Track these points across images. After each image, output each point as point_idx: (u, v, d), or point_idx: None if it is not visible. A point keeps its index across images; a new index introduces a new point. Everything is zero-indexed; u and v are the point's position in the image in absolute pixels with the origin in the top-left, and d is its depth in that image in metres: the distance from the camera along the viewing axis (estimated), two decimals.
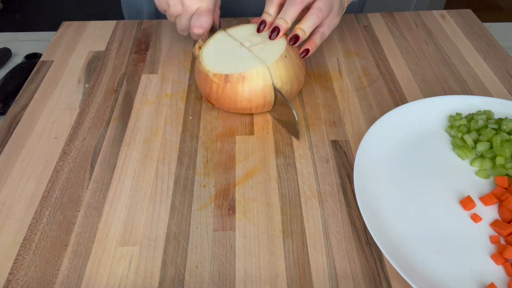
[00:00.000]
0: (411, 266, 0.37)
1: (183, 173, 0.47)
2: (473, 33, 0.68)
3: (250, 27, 0.54)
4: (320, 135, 0.51)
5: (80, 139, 0.51)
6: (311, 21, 0.50)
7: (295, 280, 0.37)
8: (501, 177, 0.44)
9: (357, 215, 0.42)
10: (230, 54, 0.50)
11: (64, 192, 0.45)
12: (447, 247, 0.39)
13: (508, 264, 0.37)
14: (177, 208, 0.43)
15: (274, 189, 0.45)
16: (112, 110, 0.55)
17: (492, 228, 0.40)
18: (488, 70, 0.60)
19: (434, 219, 0.41)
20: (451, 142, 0.48)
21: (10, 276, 0.38)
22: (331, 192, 0.44)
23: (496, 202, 0.42)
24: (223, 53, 0.51)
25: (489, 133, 0.46)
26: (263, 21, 0.51)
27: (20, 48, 0.71)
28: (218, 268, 0.38)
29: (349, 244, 0.40)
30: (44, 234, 0.41)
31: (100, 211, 0.43)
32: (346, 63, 0.62)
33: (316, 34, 0.52)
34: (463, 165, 0.46)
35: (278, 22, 0.50)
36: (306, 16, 0.50)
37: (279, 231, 0.41)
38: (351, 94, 0.57)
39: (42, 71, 0.61)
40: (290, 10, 0.49)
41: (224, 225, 0.42)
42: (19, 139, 0.51)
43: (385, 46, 0.66)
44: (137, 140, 0.50)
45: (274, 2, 0.51)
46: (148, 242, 0.40)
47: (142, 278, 0.38)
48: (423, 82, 0.59)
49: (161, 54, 0.64)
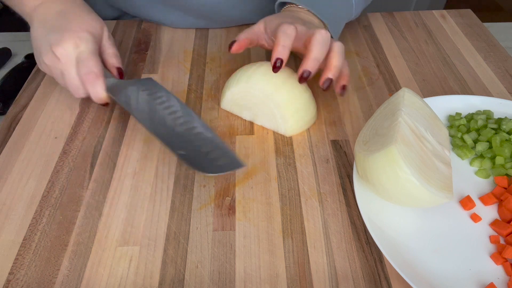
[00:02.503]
0: (410, 266, 0.37)
1: (183, 173, 0.47)
2: (473, 33, 0.68)
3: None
4: (320, 135, 0.51)
5: (80, 139, 0.51)
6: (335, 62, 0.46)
7: (295, 280, 0.37)
8: (501, 177, 0.44)
9: (357, 215, 0.42)
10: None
11: (64, 192, 0.45)
12: (446, 247, 0.39)
13: (508, 264, 0.37)
14: (177, 208, 0.43)
15: (274, 189, 0.45)
16: (112, 110, 0.55)
17: (492, 228, 0.40)
18: (488, 70, 0.60)
19: (434, 219, 0.41)
20: (451, 142, 0.48)
21: (10, 276, 0.38)
22: (331, 192, 0.45)
23: (496, 202, 0.42)
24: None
25: (488, 133, 0.46)
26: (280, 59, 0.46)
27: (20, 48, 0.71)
28: (218, 268, 0.38)
29: (349, 244, 0.40)
30: (44, 234, 0.41)
31: (100, 211, 0.43)
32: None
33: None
34: (463, 165, 0.46)
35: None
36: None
37: (279, 231, 0.41)
38: (351, 94, 0.57)
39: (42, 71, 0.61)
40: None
41: (224, 225, 0.42)
42: (19, 139, 0.51)
43: (385, 46, 0.66)
44: (137, 140, 0.50)
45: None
46: (148, 242, 0.40)
47: (142, 278, 0.38)
48: (423, 82, 0.59)
49: (161, 54, 0.64)
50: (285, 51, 0.45)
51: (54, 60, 0.47)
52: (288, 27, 0.46)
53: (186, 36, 0.68)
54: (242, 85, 0.50)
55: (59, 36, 0.47)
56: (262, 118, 0.51)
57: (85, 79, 0.47)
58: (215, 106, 0.55)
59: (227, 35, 0.68)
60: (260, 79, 0.49)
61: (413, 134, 0.38)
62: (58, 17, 0.50)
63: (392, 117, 0.39)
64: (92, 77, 0.47)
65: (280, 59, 0.45)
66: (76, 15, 0.50)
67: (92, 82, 0.47)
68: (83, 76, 0.47)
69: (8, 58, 0.69)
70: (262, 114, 0.51)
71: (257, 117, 0.52)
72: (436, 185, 0.36)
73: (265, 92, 0.48)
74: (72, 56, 0.47)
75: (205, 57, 0.64)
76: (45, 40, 0.48)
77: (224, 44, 0.66)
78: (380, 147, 0.36)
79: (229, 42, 0.66)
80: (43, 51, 0.48)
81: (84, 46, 0.47)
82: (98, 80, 0.47)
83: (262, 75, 0.49)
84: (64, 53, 0.47)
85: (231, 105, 0.53)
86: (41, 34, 0.49)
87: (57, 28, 0.48)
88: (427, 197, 0.36)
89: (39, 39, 0.49)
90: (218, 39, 0.67)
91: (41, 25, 0.50)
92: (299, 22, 0.49)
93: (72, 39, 0.47)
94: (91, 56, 0.47)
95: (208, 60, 0.63)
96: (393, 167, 0.35)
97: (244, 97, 0.51)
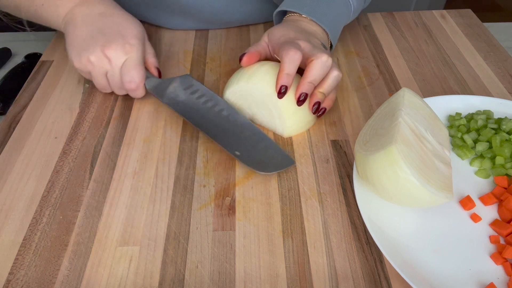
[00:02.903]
0: (410, 266, 0.37)
1: (183, 173, 0.47)
2: (473, 33, 0.68)
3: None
4: (320, 135, 0.51)
5: (80, 139, 0.51)
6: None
7: (295, 280, 0.37)
8: (501, 177, 0.44)
9: (357, 215, 0.42)
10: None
11: (64, 192, 0.45)
12: (446, 247, 0.39)
13: (508, 264, 0.37)
14: (177, 208, 0.43)
15: (274, 189, 0.45)
16: (112, 110, 0.55)
17: (492, 228, 0.40)
18: (488, 70, 0.60)
19: (434, 219, 0.41)
20: (451, 142, 0.48)
21: (10, 276, 0.38)
22: (331, 192, 0.44)
23: (496, 202, 0.42)
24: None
25: (488, 133, 0.46)
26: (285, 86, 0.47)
27: (20, 48, 0.71)
28: (218, 268, 0.38)
29: (349, 244, 0.40)
30: (44, 234, 0.41)
31: (100, 211, 0.43)
32: (346, 63, 0.62)
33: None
34: (463, 165, 0.46)
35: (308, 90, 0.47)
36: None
37: (279, 231, 0.41)
38: (351, 94, 0.57)
39: (42, 71, 0.61)
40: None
41: (224, 225, 0.42)
42: (19, 139, 0.51)
43: (385, 46, 0.66)
44: (137, 140, 0.50)
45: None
46: (148, 242, 0.40)
47: (142, 278, 0.38)
48: (423, 82, 0.59)
49: (161, 54, 0.64)
50: (289, 79, 0.46)
51: (103, 60, 0.50)
52: (295, 53, 0.46)
53: (186, 37, 0.68)
54: (242, 84, 0.50)
55: (110, 39, 0.50)
56: (261, 119, 0.51)
57: (127, 87, 0.51)
58: None
59: (227, 35, 0.68)
60: (260, 79, 0.49)
61: (413, 134, 0.38)
62: (103, 19, 0.52)
63: (392, 117, 0.39)
64: (133, 86, 0.51)
65: (285, 86, 0.46)
66: (122, 19, 0.53)
67: (133, 90, 0.52)
68: (126, 83, 0.51)
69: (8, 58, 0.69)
70: (261, 114, 0.51)
71: (256, 117, 0.52)
72: (436, 185, 0.36)
73: (265, 92, 0.48)
74: (122, 60, 0.50)
75: (205, 57, 0.64)
76: (93, 40, 0.50)
77: (224, 44, 0.66)
78: (380, 147, 0.36)
79: (229, 42, 0.66)
80: (91, 49, 0.50)
81: (134, 54, 0.51)
82: (138, 90, 0.52)
83: (263, 75, 0.49)
84: (115, 56, 0.50)
85: (230, 104, 0.53)
86: (88, 32, 0.51)
87: (107, 29, 0.51)
88: (427, 197, 0.36)
89: (85, 37, 0.50)
90: (218, 39, 0.67)
91: (87, 25, 0.51)
92: (303, 37, 0.50)
93: (123, 44, 0.50)
94: (137, 65, 0.51)
95: (208, 60, 0.63)
96: (393, 167, 0.35)
97: (244, 96, 0.51)
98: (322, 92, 0.48)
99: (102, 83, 0.52)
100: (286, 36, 0.50)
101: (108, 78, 0.52)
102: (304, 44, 0.48)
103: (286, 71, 0.46)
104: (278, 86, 0.46)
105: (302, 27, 0.53)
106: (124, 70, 0.51)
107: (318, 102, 0.48)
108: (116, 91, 0.54)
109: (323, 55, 0.46)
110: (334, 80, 0.48)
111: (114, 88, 0.53)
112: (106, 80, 0.52)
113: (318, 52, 0.47)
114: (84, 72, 0.52)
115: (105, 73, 0.51)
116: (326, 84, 0.48)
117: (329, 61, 0.47)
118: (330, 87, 0.48)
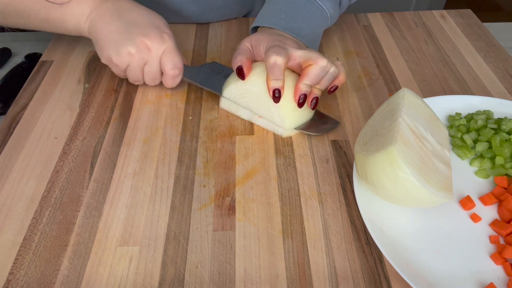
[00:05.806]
0: (410, 266, 0.37)
1: (183, 173, 0.47)
2: (473, 33, 0.68)
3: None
4: (320, 135, 0.51)
5: (80, 139, 0.51)
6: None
7: (295, 280, 0.37)
8: (501, 177, 0.44)
9: (357, 215, 0.42)
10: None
11: (64, 192, 0.45)
12: (446, 247, 0.39)
13: (508, 264, 0.37)
14: (177, 208, 0.43)
15: (274, 189, 0.45)
16: (112, 110, 0.55)
17: (492, 228, 0.40)
18: (488, 70, 0.60)
19: (434, 219, 0.41)
20: (451, 142, 0.48)
21: (10, 276, 0.38)
22: (331, 192, 0.45)
23: (496, 202, 0.42)
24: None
25: (488, 133, 0.46)
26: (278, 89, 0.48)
27: (20, 48, 0.71)
28: (218, 268, 0.38)
29: (349, 244, 0.40)
30: (44, 234, 0.41)
31: (100, 211, 0.43)
32: (346, 63, 0.62)
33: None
34: (463, 165, 0.46)
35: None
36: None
37: (279, 231, 0.41)
38: (351, 94, 0.57)
39: (42, 71, 0.61)
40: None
41: (224, 225, 0.42)
42: (19, 139, 0.51)
43: (385, 46, 0.66)
44: (137, 140, 0.50)
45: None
46: (148, 242, 0.40)
47: (142, 278, 0.38)
48: (423, 82, 0.59)
49: None
50: (278, 84, 0.47)
51: (143, 50, 0.50)
52: (276, 58, 0.46)
53: (186, 36, 0.68)
54: (240, 82, 0.50)
55: (147, 30, 0.51)
56: (260, 116, 0.51)
57: (172, 73, 0.52)
58: (215, 106, 0.55)
59: (227, 35, 0.68)
60: (259, 77, 0.49)
61: (413, 134, 0.38)
62: (130, 12, 0.52)
63: (392, 117, 0.39)
64: (177, 72, 0.52)
65: (278, 90, 0.47)
66: (146, 11, 0.53)
67: (176, 76, 0.53)
68: (170, 70, 0.52)
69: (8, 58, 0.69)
70: (260, 112, 0.51)
71: (255, 116, 0.52)
72: (436, 185, 0.36)
73: (263, 89, 0.48)
74: (162, 49, 0.51)
75: (205, 57, 0.64)
76: (129, 33, 0.50)
77: (224, 44, 0.66)
78: (380, 147, 0.36)
79: (228, 43, 0.66)
80: (127, 41, 0.50)
81: (171, 42, 0.52)
82: (180, 76, 0.53)
83: (261, 73, 0.49)
84: (155, 46, 0.51)
85: (229, 103, 0.53)
86: (121, 27, 0.50)
87: (139, 22, 0.51)
88: (427, 197, 0.36)
89: (120, 31, 0.50)
90: (218, 39, 0.67)
91: (119, 18, 0.51)
92: (291, 43, 0.49)
93: (161, 33, 0.51)
94: (177, 51, 0.52)
95: (208, 60, 0.63)
96: (393, 167, 0.35)
97: (243, 94, 0.51)
98: (319, 88, 0.49)
99: (137, 75, 0.53)
100: (272, 43, 0.49)
101: (144, 69, 0.52)
102: (296, 52, 0.48)
103: (273, 77, 0.47)
104: (271, 92, 0.47)
105: (285, 35, 0.53)
106: (165, 58, 0.51)
107: (316, 97, 0.48)
108: (150, 82, 0.54)
109: (322, 61, 0.47)
110: (330, 76, 0.48)
111: (148, 79, 0.54)
112: (141, 72, 0.53)
113: (317, 58, 0.47)
114: (120, 68, 0.52)
115: (144, 64, 0.52)
116: (323, 81, 0.48)
117: (328, 66, 0.47)
118: (327, 82, 0.49)
